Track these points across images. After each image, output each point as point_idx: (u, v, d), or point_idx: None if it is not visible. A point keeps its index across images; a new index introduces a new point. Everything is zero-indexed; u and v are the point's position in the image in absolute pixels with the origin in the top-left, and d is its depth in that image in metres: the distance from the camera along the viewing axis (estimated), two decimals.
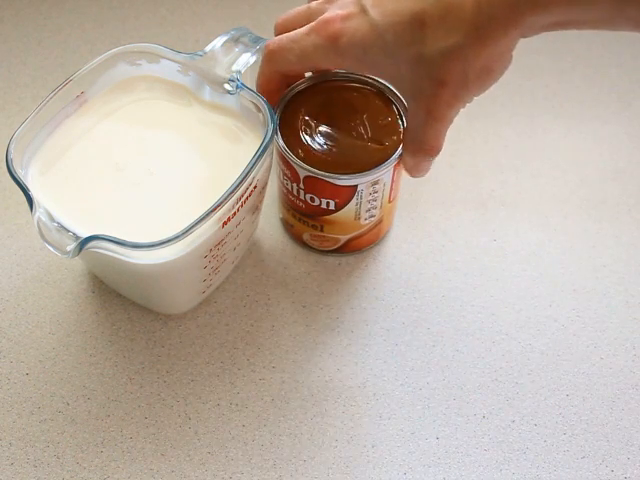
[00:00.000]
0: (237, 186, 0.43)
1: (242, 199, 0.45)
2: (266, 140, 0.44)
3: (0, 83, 0.64)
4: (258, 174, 0.45)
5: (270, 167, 0.48)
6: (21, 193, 0.42)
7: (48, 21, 0.68)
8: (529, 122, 0.63)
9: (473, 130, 0.62)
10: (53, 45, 0.67)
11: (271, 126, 0.45)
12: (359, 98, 0.51)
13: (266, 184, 0.49)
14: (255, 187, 0.46)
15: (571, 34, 0.68)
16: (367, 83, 0.51)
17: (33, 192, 0.42)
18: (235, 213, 0.45)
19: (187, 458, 0.47)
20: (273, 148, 0.48)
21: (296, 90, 0.51)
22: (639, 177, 0.60)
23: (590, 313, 0.53)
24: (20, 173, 0.43)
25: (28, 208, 0.41)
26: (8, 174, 0.43)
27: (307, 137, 0.49)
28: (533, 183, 0.60)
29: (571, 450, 0.48)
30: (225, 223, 0.44)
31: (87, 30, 0.68)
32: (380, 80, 0.51)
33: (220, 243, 0.46)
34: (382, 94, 0.51)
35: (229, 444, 0.48)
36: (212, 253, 0.46)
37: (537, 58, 0.67)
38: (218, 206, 0.42)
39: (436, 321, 0.53)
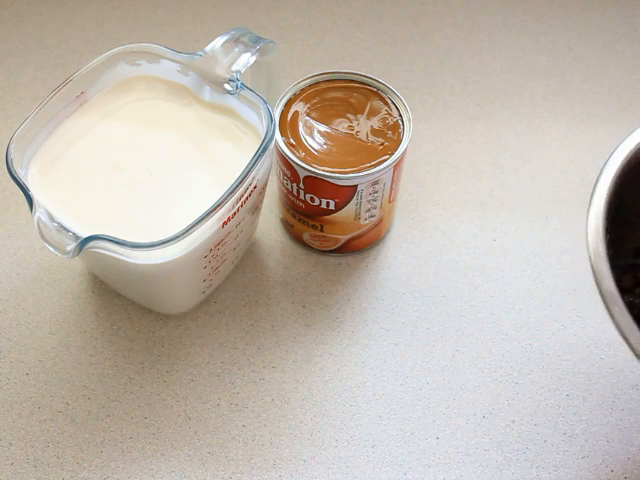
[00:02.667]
0: (237, 186, 0.43)
1: (242, 199, 0.45)
2: (266, 140, 0.44)
3: (0, 83, 0.64)
4: (258, 174, 0.45)
5: (270, 167, 0.48)
6: (21, 193, 0.42)
7: (48, 21, 0.68)
8: (529, 122, 0.63)
9: (473, 130, 0.63)
10: (53, 45, 0.67)
11: (271, 126, 0.45)
12: (359, 98, 0.51)
13: (266, 184, 0.49)
14: (255, 187, 0.46)
15: (571, 34, 0.69)
16: (367, 83, 0.51)
17: (33, 192, 0.42)
18: (235, 213, 0.45)
19: (187, 458, 0.47)
20: (273, 148, 0.48)
21: (296, 90, 0.51)
22: None
23: (590, 313, 0.53)
24: (20, 173, 0.43)
25: (28, 208, 0.41)
26: (8, 174, 0.43)
27: (307, 137, 0.49)
28: (533, 183, 0.60)
29: (571, 450, 0.48)
30: (225, 223, 0.44)
31: (87, 30, 0.68)
32: (380, 80, 0.51)
33: (220, 243, 0.46)
34: (382, 94, 0.51)
35: (229, 444, 0.48)
36: (212, 253, 0.46)
37: (537, 58, 0.67)
38: (218, 206, 0.42)
39: (436, 321, 0.53)
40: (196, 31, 0.68)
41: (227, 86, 0.47)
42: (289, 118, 0.50)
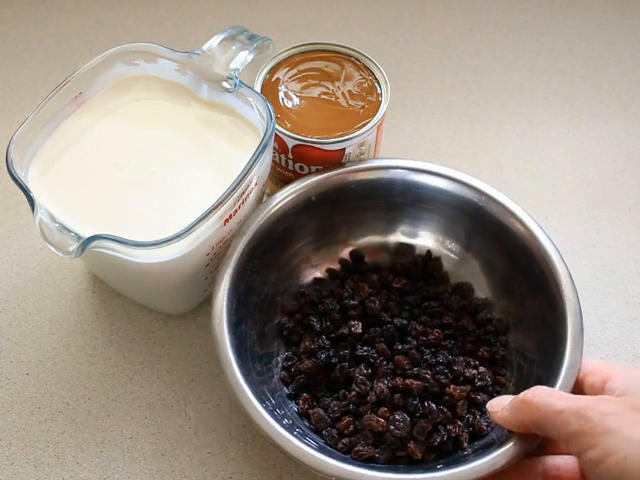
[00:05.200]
0: (238, 184, 0.43)
1: (243, 196, 0.45)
2: (266, 137, 0.44)
3: (0, 83, 0.64)
4: (259, 171, 0.45)
5: (270, 163, 0.48)
6: (21, 193, 0.42)
7: (48, 21, 0.68)
8: (529, 122, 0.63)
9: (473, 130, 0.62)
10: (53, 45, 0.67)
11: (271, 123, 0.45)
12: (332, 66, 0.52)
13: (266, 180, 0.49)
14: (256, 184, 0.46)
15: (571, 34, 0.69)
16: (337, 52, 0.52)
17: (34, 193, 0.42)
18: (237, 210, 0.45)
19: (187, 458, 0.47)
20: (272, 145, 0.48)
21: (270, 66, 0.52)
22: (639, 177, 0.60)
23: (590, 313, 0.53)
24: (20, 174, 0.43)
25: (28, 208, 0.41)
26: (8, 175, 0.42)
27: (289, 108, 0.50)
28: (533, 183, 0.60)
29: None
30: (227, 220, 0.44)
31: (87, 30, 0.68)
32: (352, 47, 0.52)
33: (222, 240, 0.46)
34: (354, 59, 0.52)
35: (229, 444, 0.48)
36: (214, 250, 0.45)
37: (537, 58, 0.67)
38: (220, 204, 0.42)
39: None
40: (196, 31, 0.68)
41: (225, 84, 0.47)
42: (271, 93, 0.50)
